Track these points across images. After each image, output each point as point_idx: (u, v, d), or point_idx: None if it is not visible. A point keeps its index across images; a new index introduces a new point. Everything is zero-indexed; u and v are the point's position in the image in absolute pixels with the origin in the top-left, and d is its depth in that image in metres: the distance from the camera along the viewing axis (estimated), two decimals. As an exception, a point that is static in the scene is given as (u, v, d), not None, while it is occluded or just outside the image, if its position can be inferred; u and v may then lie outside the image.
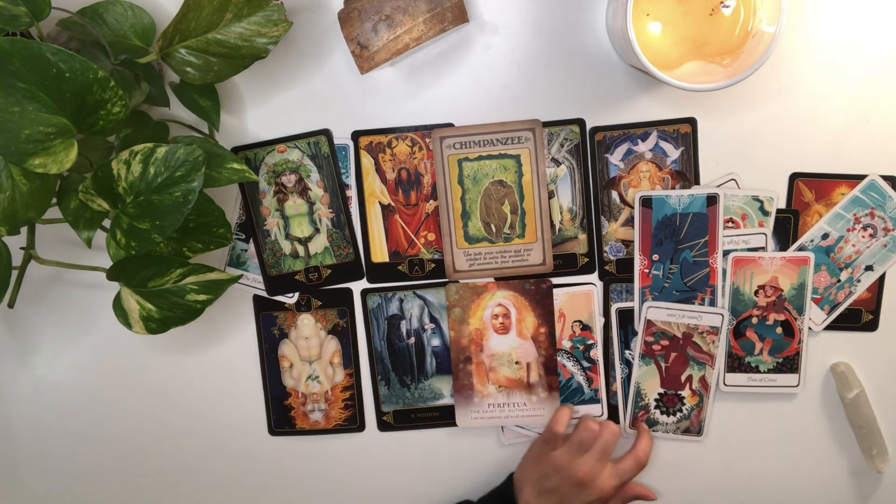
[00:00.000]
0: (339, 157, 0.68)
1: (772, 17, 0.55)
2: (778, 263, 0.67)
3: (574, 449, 0.66)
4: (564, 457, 0.66)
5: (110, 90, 0.50)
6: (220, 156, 0.60)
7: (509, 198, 0.68)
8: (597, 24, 0.65)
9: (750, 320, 0.68)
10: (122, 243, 0.55)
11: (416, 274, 0.70)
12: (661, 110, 0.66)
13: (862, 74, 0.65)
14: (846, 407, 0.69)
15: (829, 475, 0.72)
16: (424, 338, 0.71)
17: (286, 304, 0.71)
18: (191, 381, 0.73)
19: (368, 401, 0.73)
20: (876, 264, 0.67)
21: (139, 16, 0.61)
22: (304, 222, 0.69)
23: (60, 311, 0.73)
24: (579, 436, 0.66)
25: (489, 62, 0.66)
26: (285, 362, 0.72)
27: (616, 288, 0.69)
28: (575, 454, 0.66)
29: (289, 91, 0.67)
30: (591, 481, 0.65)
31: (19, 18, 0.52)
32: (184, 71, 0.58)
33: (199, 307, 0.59)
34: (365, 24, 0.58)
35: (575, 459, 0.66)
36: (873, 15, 0.64)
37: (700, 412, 0.70)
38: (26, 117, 0.49)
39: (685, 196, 0.66)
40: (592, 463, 0.65)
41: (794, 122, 0.66)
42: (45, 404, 0.75)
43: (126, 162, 0.53)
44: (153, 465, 0.75)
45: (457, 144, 0.67)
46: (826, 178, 0.66)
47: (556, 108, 0.66)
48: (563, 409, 0.69)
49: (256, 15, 0.56)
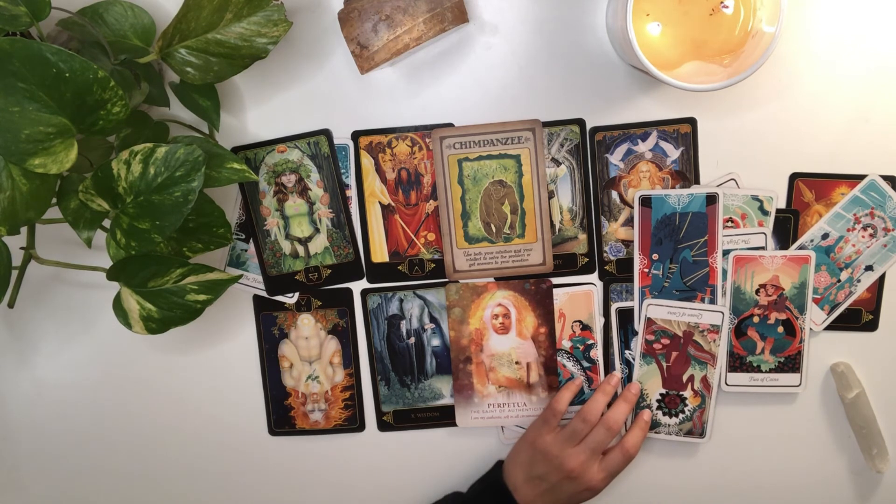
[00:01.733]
0: (339, 157, 0.68)
1: (772, 17, 0.55)
2: (779, 262, 0.67)
3: (567, 438, 0.66)
4: (557, 446, 0.66)
5: (110, 90, 0.50)
6: (220, 156, 0.60)
7: (509, 198, 0.68)
8: (597, 24, 0.65)
9: (751, 319, 0.68)
10: (122, 243, 0.55)
11: (416, 274, 0.70)
12: (661, 110, 0.66)
13: (862, 74, 0.65)
14: (846, 407, 0.69)
15: (829, 475, 0.72)
16: (424, 338, 0.71)
17: (286, 304, 0.71)
18: (191, 381, 0.73)
19: (368, 401, 0.73)
20: (876, 264, 0.67)
21: (139, 16, 0.61)
22: (304, 222, 0.69)
23: (60, 311, 0.73)
24: (574, 426, 0.66)
25: (489, 62, 0.66)
26: (285, 362, 0.72)
27: (616, 288, 0.69)
28: (567, 444, 0.66)
29: (289, 91, 0.67)
30: (580, 475, 0.65)
31: (19, 18, 0.52)
32: (184, 71, 0.58)
33: (199, 307, 0.59)
34: (365, 24, 0.58)
35: (566, 450, 0.65)
36: (873, 15, 0.64)
37: (703, 413, 0.70)
38: (26, 117, 0.49)
39: (685, 195, 0.66)
40: (584, 457, 0.65)
41: (794, 122, 0.66)
42: (45, 404, 0.75)
43: (126, 162, 0.53)
44: (153, 465, 0.75)
45: (457, 144, 0.67)
46: (826, 178, 0.66)
47: (556, 108, 0.66)
48: (567, 388, 0.68)
49: (256, 15, 0.56)
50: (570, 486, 0.65)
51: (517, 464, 0.67)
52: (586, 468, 0.65)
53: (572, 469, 0.65)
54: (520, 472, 0.67)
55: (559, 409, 0.67)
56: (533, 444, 0.67)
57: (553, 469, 0.65)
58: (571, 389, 0.68)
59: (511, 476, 0.67)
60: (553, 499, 0.66)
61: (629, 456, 0.66)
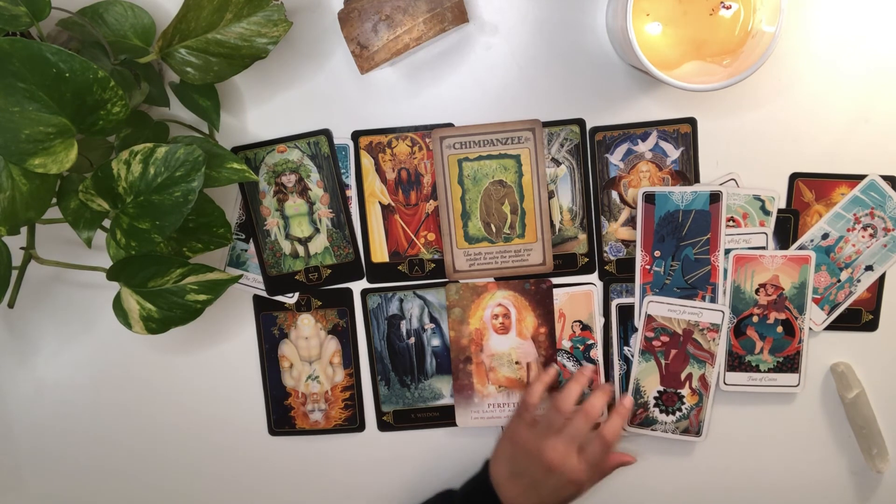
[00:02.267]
0: (339, 157, 0.68)
1: (772, 17, 0.55)
2: (779, 262, 0.67)
3: (544, 430, 0.64)
4: (534, 439, 0.64)
5: (110, 90, 0.50)
6: (220, 156, 0.60)
7: (509, 198, 0.68)
8: (597, 25, 0.65)
9: (751, 319, 0.68)
10: (122, 243, 0.55)
11: (416, 274, 0.70)
12: (661, 110, 0.66)
13: (862, 74, 0.65)
14: (846, 407, 0.69)
15: (829, 475, 0.72)
16: (424, 338, 0.71)
17: (286, 304, 0.71)
18: (191, 381, 0.73)
19: (368, 401, 0.73)
20: (876, 264, 0.67)
21: (139, 16, 0.61)
22: (304, 222, 0.69)
23: (60, 311, 0.73)
24: (549, 417, 0.64)
25: (489, 62, 0.66)
26: (285, 362, 0.72)
27: (616, 288, 0.69)
28: (544, 436, 0.63)
29: (289, 91, 0.67)
30: (560, 466, 0.62)
31: (19, 18, 0.52)
32: (184, 71, 0.58)
33: (199, 307, 0.59)
34: (365, 24, 0.58)
35: (544, 442, 0.63)
36: (873, 15, 0.64)
37: (699, 412, 0.70)
38: (26, 117, 0.49)
39: (688, 193, 0.66)
40: (562, 447, 0.63)
41: (794, 122, 0.66)
42: (45, 404, 0.75)
43: (126, 162, 0.53)
44: (153, 465, 0.75)
45: (457, 144, 0.67)
46: (826, 178, 0.66)
47: (556, 108, 0.66)
48: (539, 380, 0.67)
49: (256, 15, 0.56)
50: (552, 481, 0.63)
51: (499, 461, 0.66)
52: (566, 459, 0.62)
53: (551, 460, 0.62)
54: (502, 470, 0.66)
55: (532, 402, 0.66)
56: (511, 440, 0.66)
57: (533, 463, 0.63)
58: (544, 381, 0.67)
59: (495, 474, 0.66)
60: (537, 496, 0.64)
61: (608, 444, 0.64)
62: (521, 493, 0.64)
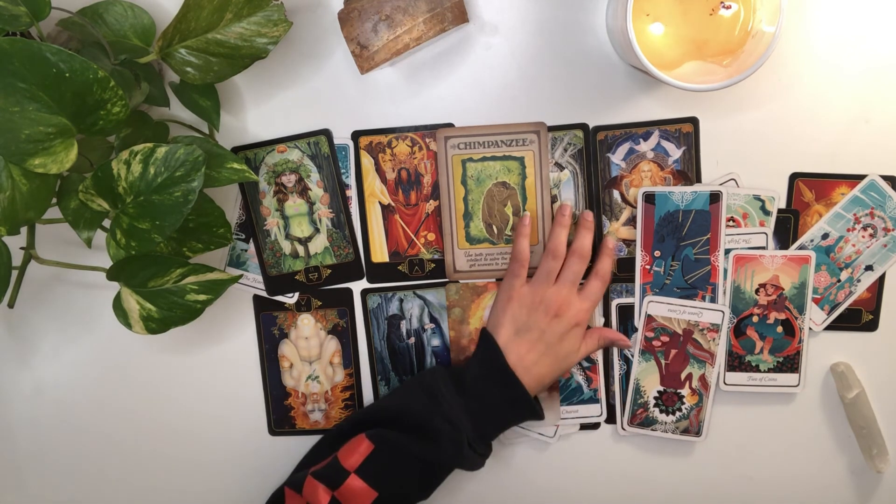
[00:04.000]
0: (339, 157, 0.68)
1: (772, 17, 0.55)
2: (779, 262, 0.67)
3: (543, 280, 0.65)
4: (536, 290, 0.65)
5: (110, 90, 0.50)
6: (220, 156, 0.60)
7: (512, 200, 0.68)
8: (597, 25, 0.65)
9: (751, 319, 0.68)
10: (122, 243, 0.55)
11: (416, 274, 0.70)
12: (662, 110, 0.66)
13: (862, 74, 0.65)
14: (846, 407, 0.69)
15: (829, 475, 0.72)
16: (424, 338, 0.71)
17: (286, 304, 0.71)
18: (191, 381, 0.73)
19: (368, 401, 0.73)
20: (876, 264, 0.67)
21: (139, 16, 0.61)
22: (304, 222, 0.69)
23: (60, 311, 0.72)
24: (547, 266, 0.65)
25: (489, 62, 0.66)
26: (285, 362, 0.72)
27: (616, 288, 0.69)
28: (544, 285, 0.65)
29: (289, 91, 0.67)
30: (566, 310, 0.65)
31: (19, 18, 0.52)
32: (184, 71, 0.57)
33: (199, 307, 0.59)
34: (365, 24, 0.58)
35: (546, 291, 0.65)
36: (873, 15, 0.64)
37: (699, 412, 0.70)
38: (26, 117, 0.49)
39: (688, 193, 0.66)
40: (566, 290, 0.65)
41: (794, 122, 0.66)
42: (45, 404, 0.75)
43: (126, 162, 0.53)
44: (153, 465, 0.75)
45: (461, 145, 0.67)
46: (826, 178, 0.66)
47: (556, 108, 0.66)
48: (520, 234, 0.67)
49: (256, 15, 0.56)
50: (558, 326, 0.65)
51: (503, 325, 0.66)
52: (570, 302, 0.65)
53: (559, 306, 0.64)
54: (507, 331, 0.65)
55: (525, 257, 0.66)
56: (512, 299, 0.66)
57: (537, 313, 0.65)
58: (524, 234, 0.67)
59: (500, 338, 0.65)
60: (545, 345, 0.65)
61: (606, 281, 0.67)
62: (529, 347, 0.65)
